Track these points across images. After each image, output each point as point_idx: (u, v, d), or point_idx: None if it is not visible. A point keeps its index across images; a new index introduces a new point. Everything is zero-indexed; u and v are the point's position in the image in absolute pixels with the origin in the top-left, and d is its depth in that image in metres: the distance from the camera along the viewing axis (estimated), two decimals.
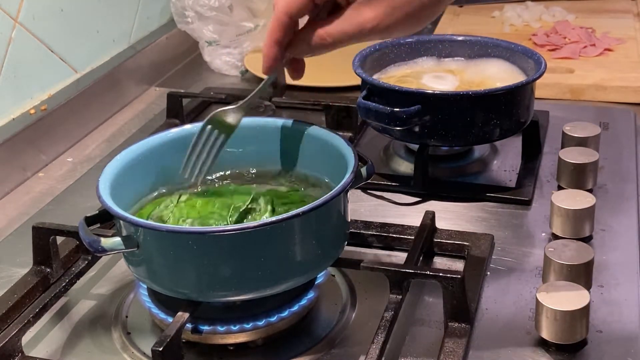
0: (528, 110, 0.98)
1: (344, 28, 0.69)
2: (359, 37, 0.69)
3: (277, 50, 0.73)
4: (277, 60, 0.74)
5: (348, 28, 0.69)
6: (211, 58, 1.42)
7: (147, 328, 0.77)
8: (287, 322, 0.74)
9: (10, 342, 0.72)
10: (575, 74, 1.28)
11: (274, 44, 0.72)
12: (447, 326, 0.74)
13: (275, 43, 0.72)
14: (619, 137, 1.09)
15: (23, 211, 1.01)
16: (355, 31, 0.69)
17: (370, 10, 0.68)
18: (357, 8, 0.68)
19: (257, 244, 0.67)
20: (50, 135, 1.14)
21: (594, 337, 0.73)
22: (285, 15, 0.71)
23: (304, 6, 0.70)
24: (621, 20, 1.50)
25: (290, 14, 0.71)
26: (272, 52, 0.73)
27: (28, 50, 1.15)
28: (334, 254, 0.74)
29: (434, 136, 0.95)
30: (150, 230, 0.68)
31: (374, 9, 0.67)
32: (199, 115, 1.24)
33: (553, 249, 0.78)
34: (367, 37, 0.70)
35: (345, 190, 0.71)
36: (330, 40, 0.70)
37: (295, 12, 0.71)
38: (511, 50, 1.05)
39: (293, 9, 0.70)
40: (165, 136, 0.82)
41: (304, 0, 0.70)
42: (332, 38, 0.70)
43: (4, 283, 0.83)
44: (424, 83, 1.04)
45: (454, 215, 0.94)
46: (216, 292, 0.70)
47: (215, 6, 1.37)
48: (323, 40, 0.71)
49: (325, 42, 0.71)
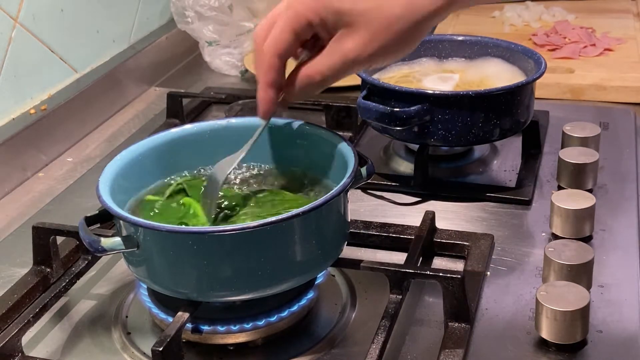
0: (528, 110, 0.98)
1: (328, 62, 0.69)
2: (345, 69, 0.69)
3: (273, 93, 0.72)
4: (274, 103, 0.73)
5: (332, 61, 0.69)
6: (211, 58, 1.42)
7: (147, 328, 0.77)
8: (287, 322, 0.74)
9: (10, 342, 0.72)
10: (575, 74, 1.28)
11: (269, 87, 0.72)
12: (447, 326, 0.74)
13: (269, 86, 0.72)
14: (619, 137, 1.09)
15: (23, 211, 1.01)
16: (340, 63, 0.68)
17: (351, 39, 0.67)
18: (338, 40, 0.68)
19: (257, 244, 0.67)
20: (50, 135, 1.14)
21: (594, 337, 0.73)
22: (275, 56, 0.70)
23: (290, 45, 0.70)
24: (621, 20, 1.50)
25: (279, 54, 0.70)
26: (269, 95, 0.72)
27: (28, 50, 1.15)
28: (334, 254, 0.74)
29: (434, 136, 0.95)
30: (150, 230, 0.68)
31: (354, 38, 0.67)
32: (199, 115, 1.24)
33: (553, 249, 0.78)
34: (352, 68, 0.69)
35: (345, 190, 0.71)
36: (319, 78, 0.70)
37: (284, 52, 0.70)
38: (511, 50, 1.05)
39: (281, 49, 0.70)
40: (165, 136, 0.82)
41: (290, 39, 0.69)
42: (319, 75, 0.70)
43: (4, 283, 0.84)
44: (424, 83, 1.04)
45: (454, 215, 0.94)
46: (216, 292, 0.70)
47: (215, 6, 1.37)
48: (311, 79, 0.70)
49: (314, 80, 0.70)
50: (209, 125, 0.84)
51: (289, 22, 0.69)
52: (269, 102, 0.73)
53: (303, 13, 0.68)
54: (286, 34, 0.69)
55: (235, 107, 1.18)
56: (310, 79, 0.71)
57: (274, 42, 0.70)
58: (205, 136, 0.83)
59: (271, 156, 0.83)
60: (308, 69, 0.71)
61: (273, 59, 0.70)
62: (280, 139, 0.82)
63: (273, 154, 0.83)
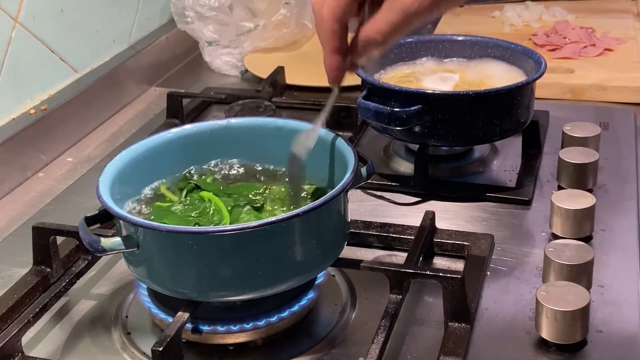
0: (528, 110, 0.98)
1: (389, 18, 0.67)
2: (406, 24, 0.67)
3: (339, 58, 0.71)
4: (340, 69, 0.72)
5: (393, 17, 0.67)
6: (211, 58, 1.42)
7: (147, 328, 0.77)
8: (287, 322, 0.74)
9: (10, 342, 0.72)
10: (575, 74, 1.28)
11: (334, 53, 0.71)
12: (447, 326, 0.74)
13: (334, 52, 0.71)
14: (619, 137, 1.09)
15: (23, 211, 1.01)
16: (400, 18, 0.67)
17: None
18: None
19: (257, 244, 0.67)
20: (50, 135, 1.14)
21: (594, 337, 0.73)
22: (334, 22, 0.69)
23: (348, 7, 0.69)
24: (621, 20, 1.50)
25: (338, 19, 0.69)
26: (335, 61, 0.71)
27: (28, 50, 1.15)
28: (334, 254, 0.74)
29: (434, 136, 0.95)
30: (150, 230, 0.68)
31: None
32: (199, 115, 1.24)
33: (553, 249, 0.78)
34: (414, 20, 0.67)
35: (345, 190, 0.71)
36: (380, 38, 0.68)
37: (342, 15, 0.69)
38: (511, 50, 1.05)
39: (339, 14, 0.69)
40: (165, 136, 0.82)
41: (347, 1, 0.68)
42: (380, 34, 0.68)
43: (4, 283, 0.83)
44: (424, 83, 1.04)
45: (454, 215, 0.94)
46: (216, 292, 0.70)
47: (215, 6, 1.37)
48: (372, 39, 0.69)
49: (376, 40, 0.69)
50: (209, 125, 0.84)
51: None
52: (337, 68, 0.71)
53: None
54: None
55: (235, 107, 1.18)
56: (371, 40, 0.69)
57: (332, 7, 0.69)
58: (205, 136, 0.83)
59: (271, 156, 0.83)
60: (368, 30, 0.69)
61: (333, 25, 0.69)
62: (280, 139, 0.82)
63: (273, 154, 0.83)
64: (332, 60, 0.71)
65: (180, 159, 0.83)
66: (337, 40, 0.70)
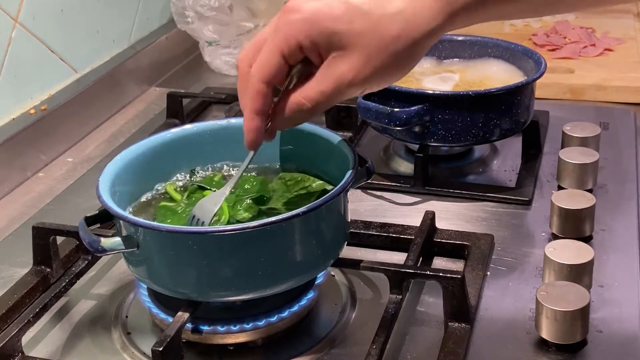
0: (528, 110, 0.98)
1: (321, 87, 0.64)
2: (339, 94, 0.64)
3: (260, 121, 0.67)
4: (261, 132, 0.67)
5: (324, 86, 0.64)
6: (211, 58, 1.42)
7: (147, 328, 0.77)
8: (287, 322, 0.74)
9: (10, 342, 0.72)
10: (575, 74, 1.28)
11: (256, 115, 0.66)
12: (447, 326, 0.74)
13: (256, 114, 0.66)
14: (619, 137, 1.09)
15: (23, 211, 1.01)
16: (334, 88, 0.64)
17: (345, 63, 0.62)
18: (331, 63, 0.63)
19: (257, 244, 0.67)
20: (50, 135, 1.14)
21: (594, 337, 0.73)
22: (261, 82, 0.65)
23: (279, 70, 0.64)
24: (621, 20, 1.50)
25: (266, 80, 0.65)
26: (255, 124, 0.67)
27: (28, 50, 1.15)
28: (334, 254, 0.74)
29: (434, 136, 0.95)
30: (150, 230, 0.68)
31: (349, 61, 0.62)
32: (199, 115, 1.24)
33: (553, 249, 0.78)
34: (347, 93, 0.64)
35: (345, 190, 0.71)
36: (309, 105, 0.65)
37: (272, 77, 0.65)
38: (511, 50, 1.05)
39: (269, 75, 0.65)
40: (165, 136, 0.82)
41: (278, 63, 0.64)
42: (310, 101, 0.65)
43: (4, 283, 0.83)
44: (424, 83, 1.04)
45: (454, 215, 0.94)
46: (216, 292, 0.70)
47: (215, 6, 1.37)
48: (301, 105, 0.65)
49: (305, 107, 0.65)
50: (209, 125, 0.84)
51: (277, 45, 0.64)
52: (256, 131, 0.67)
53: (293, 35, 0.63)
54: (274, 58, 0.64)
55: (235, 107, 1.18)
56: (300, 106, 0.65)
57: (261, 67, 0.65)
58: (205, 136, 0.83)
59: (271, 156, 0.83)
60: (298, 95, 0.65)
61: (260, 85, 0.65)
62: (280, 139, 0.82)
63: (272, 154, 0.83)
64: (252, 123, 0.67)
65: (181, 159, 0.83)
66: (262, 102, 0.66)
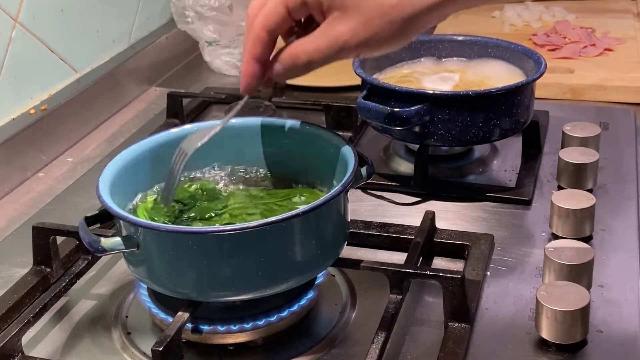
0: (528, 110, 0.98)
1: (317, 44, 0.66)
2: (332, 53, 0.66)
3: (257, 67, 0.69)
4: (256, 78, 0.70)
5: (321, 43, 0.66)
6: (211, 58, 1.42)
7: (147, 328, 0.77)
8: (287, 322, 0.74)
9: (10, 342, 0.72)
10: (575, 74, 1.28)
11: (254, 61, 0.69)
12: (447, 326, 0.74)
13: (254, 60, 0.69)
14: (619, 137, 1.09)
15: (23, 211, 1.01)
16: (329, 46, 0.66)
17: (343, 23, 0.65)
18: (331, 22, 0.65)
19: (257, 244, 0.67)
20: (50, 135, 1.14)
21: (594, 337, 0.73)
22: (263, 30, 0.67)
23: (282, 21, 0.67)
24: (621, 20, 1.50)
25: (268, 29, 0.67)
26: (252, 69, 0.69)
27: (28, 50, 1.15)
28: (334, 254, 0.74)
29: (434, 136, 0.95)
30: (150, 230, 0.68)
31: (347, 23, 0.64)
32: (199, 115, 1.24)
33: (553, 249, 0.78)
34: (342, 53, 0.66)
35: (345, 190, 0.71)
36: (304, 59, 0.67)
37: (274, 27, 0.68)
38: (511, 50, 1.05)
39: (271, 24, 0.67)
40: (165, 136, 0.82)
41: (282, 14, 0.67)
42: (305, 55, 0.67)
43: (4, 283, 0.83)
44: (424, 83, 1.04)
45: (454, 215, 0.94)
46: (216, 292, 0.70)
47: (215, 6, 1.37)
48: (297, 59, 0.67)
49: (299, 60, 0.67)
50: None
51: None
52: (252, 76, 0.70)
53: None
54: (278, 9, 0.67)
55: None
56: (295, 59, 0.67)
57: (264, 16, 0.67)
58: None
59: (271, 156, 0.83)
60: (294, 48, 0.68)
61: (261, 33, 0.68)
62: (280, 139, 0.82)
63: (272, 154, 0.83)
64: (250, 68, 0.69)
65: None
66: (262, 49, 0.68)
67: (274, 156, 0.83)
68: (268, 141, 0.83)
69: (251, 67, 0.69)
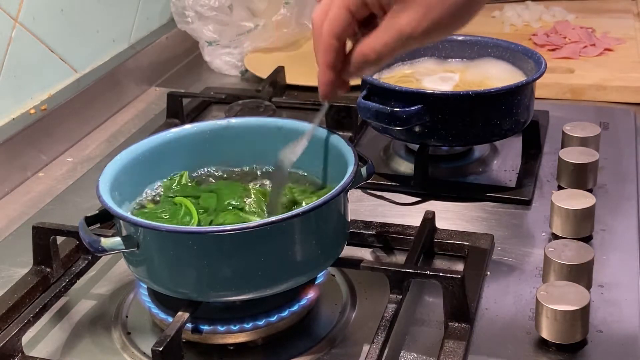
0: (528, 110, 0.98)
1: (384, 39, 0.68)
2: (400, 45, 0.67)
3: (332, 74, 0.71)
4: (333, 84, 0.72)
5: (387, 38, 0.67)
6: (211, 58, 1.42)
7: (147, 328, 0.77)
8: (287, 322, 0.74)
9: (10, 342, 0.72)
10: (575, 74, 1.28)
11: (328, 69, 0.71)
12: (447, 326, 0.74)
13: (329, 67, 0.71)
14: (619, 137, 1.09)
15: (23, 211, 1.01)
16: (395, 39, 0.67)
17: (405, 15, 0.66)
18: (393, 16, 0.67)
19: (257, 244, 0.67)
20: (50, 135, 1.14)
21: (594, 337, 0.73)
22: (332, 38, 0.69)
23: (347, 25, 0.69)
24: (621, 20, 1.50)
25: (337, 36, 0.69)
26: (328, 76, 0.71)
27: (28, 50, 1.15)
28: (334, 254, 0.74)
29: (434, 136, 0.95)
30: (150, 230, 0.68)
31: (409, 13, 0.66)
32: (199, 115, 1.24)
33: (553, 249, 0.78)
34: (408, 44, 0.68)
35: (345, 190, 0.71)
36: (374, 56, 0.69)
37: (341, 32, 0.69)
38: (511, 50, 1.05)
39: (339, 30, 0.69)
40: (165, 136, 0.82)
41: (347, 19, 0.68)
42: (374, 53, 0.68)
43: (4, 283, 0.83)
44: (424, 83, 1.04)
45: (454, 215, 0.94)
46: (216, 292, 0.70)
47: (215, 6, 1.37)
48: (366, 57, 0.69)
49: (369, 58, 0.69)
50: (209, 125, 0.84)
51: (344, 2, 0.68)
52: (329, 83, 0.72)
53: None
54: (342, 13, 0.68)
55: (235, 107, 1.18)
56: (365, 57, 0.69)
57: (331, 23, 0.69)
58: (205, 136, 0.84)
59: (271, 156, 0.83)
60: (362, 47, 0.69)
61: (331, 40, 0.69)
62: (280, 139, 0.82)
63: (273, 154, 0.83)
64: (326, 76, 0.72)
65: (180, 159, 0.83)
66: (334, 56, 0.70)
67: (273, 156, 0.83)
68: (267, 141, 0.83)
69: (327, 74, 0.71)
